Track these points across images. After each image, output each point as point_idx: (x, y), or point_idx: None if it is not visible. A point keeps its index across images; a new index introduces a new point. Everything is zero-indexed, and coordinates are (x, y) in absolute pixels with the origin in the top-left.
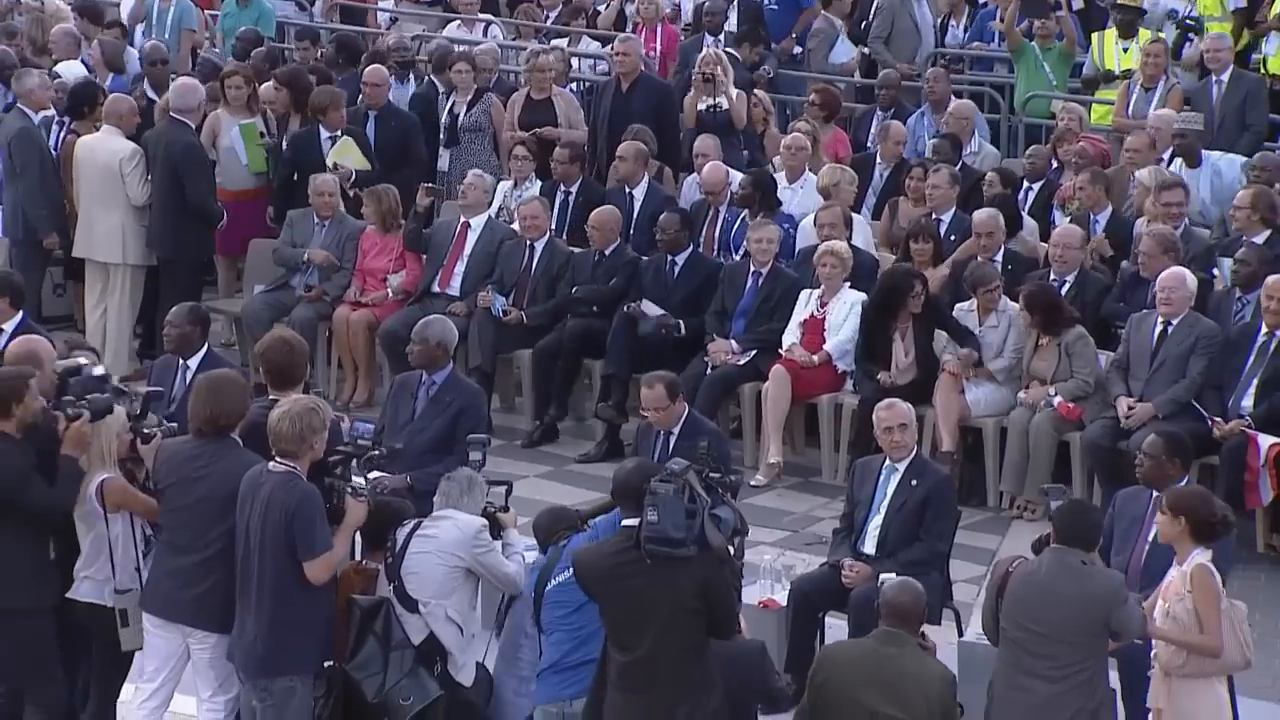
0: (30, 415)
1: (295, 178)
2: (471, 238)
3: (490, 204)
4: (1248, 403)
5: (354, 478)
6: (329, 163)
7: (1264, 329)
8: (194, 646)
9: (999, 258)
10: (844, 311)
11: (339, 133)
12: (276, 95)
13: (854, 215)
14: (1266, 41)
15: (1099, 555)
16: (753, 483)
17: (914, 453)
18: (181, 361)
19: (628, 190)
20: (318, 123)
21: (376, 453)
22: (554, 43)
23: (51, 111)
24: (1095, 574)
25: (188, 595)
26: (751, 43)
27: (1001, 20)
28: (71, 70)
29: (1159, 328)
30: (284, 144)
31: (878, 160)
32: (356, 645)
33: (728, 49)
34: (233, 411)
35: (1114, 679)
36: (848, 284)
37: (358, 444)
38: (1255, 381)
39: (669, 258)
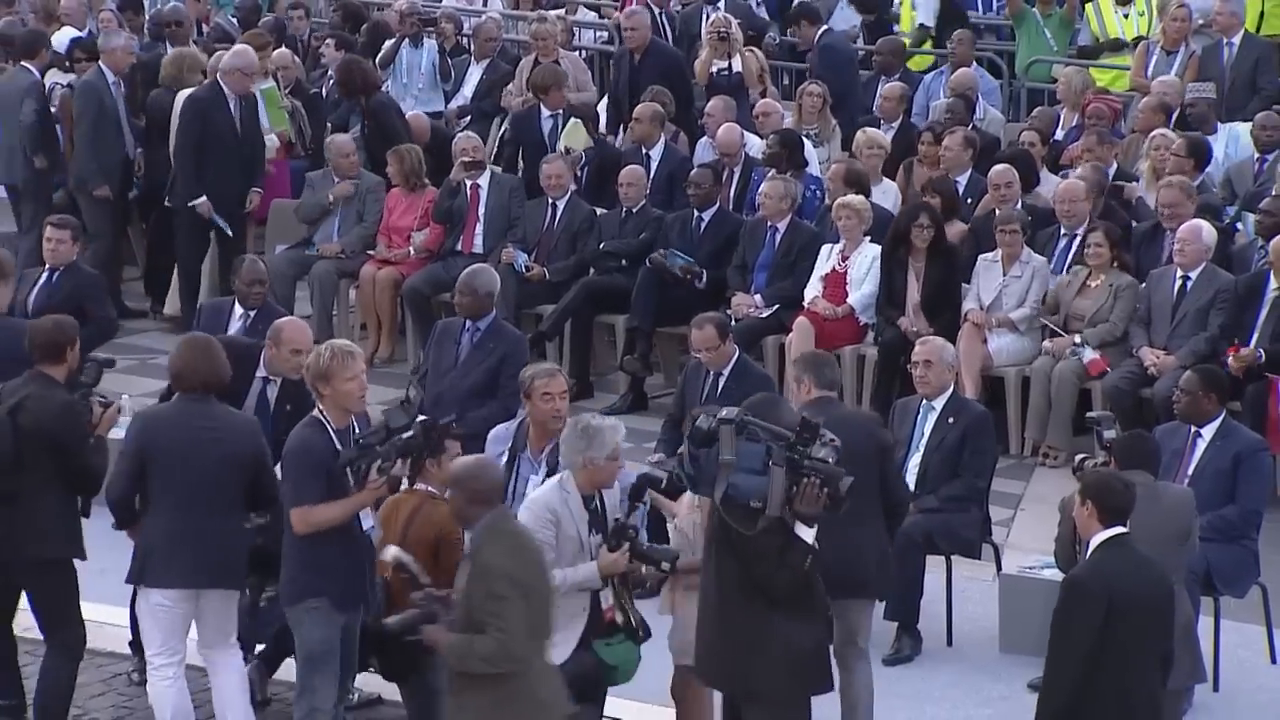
0: (74, 364)
1: (520, 156)
2: (482, 196)
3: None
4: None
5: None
6: (561, 147)
7: (1273, 283)
8: (207, 605)
9: (1018, 210)
10: (866, 265)
11: (561, 112)
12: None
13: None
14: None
15: None
16: None
17: (950, 391)
18: (241, 309)
19: (644, 151)
20: (539, 101)
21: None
22: (552, 13)
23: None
24: (1168, 489)
25: (213, 559)
26: (809, 20)
27: None
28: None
29: (1178, 282)
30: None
31: (881, 123)
32: None
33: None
34: (223, 374)
35: None
36: (868, 238)
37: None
38: (1270, 335)
39: (695, 213)
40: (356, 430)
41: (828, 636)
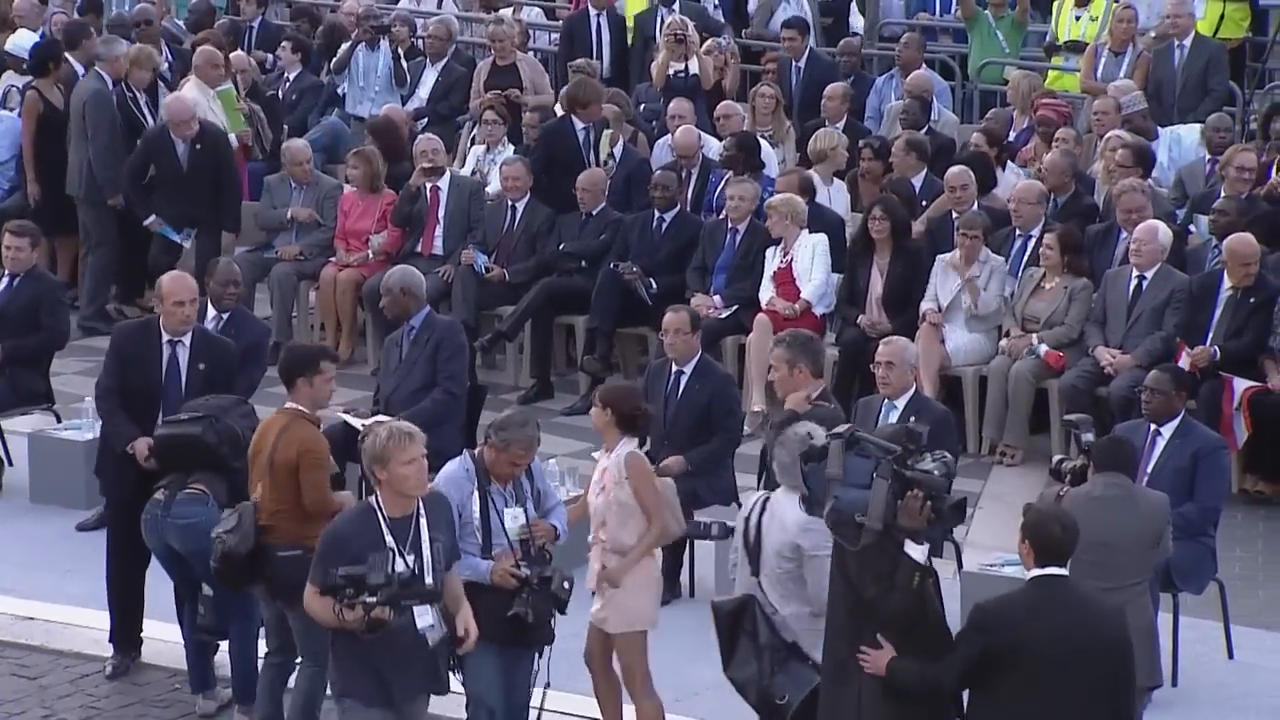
0: None
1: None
2: (442, 199)
3: (449, 163)
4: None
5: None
6: (604, 158)
7: (1227, 283)
8: None
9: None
10: (809, 256)
11: (593, 125)
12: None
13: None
14: None
15: None
16: None
17: (913, 390)
18: (214, 310)
19: None
20: (572, 114)
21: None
22: (500, 12)
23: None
24: (1146, 494)
25: None
26: (801, 31)
27: None
28: (26, 39)
29: (1134, 282)
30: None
31: (826, 123)
32: (730, 648)
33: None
34: None
35: None
36: (804, 230)
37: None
38: (1224, 334)
39: (655, 215)
40: (425, 518)
41: None
